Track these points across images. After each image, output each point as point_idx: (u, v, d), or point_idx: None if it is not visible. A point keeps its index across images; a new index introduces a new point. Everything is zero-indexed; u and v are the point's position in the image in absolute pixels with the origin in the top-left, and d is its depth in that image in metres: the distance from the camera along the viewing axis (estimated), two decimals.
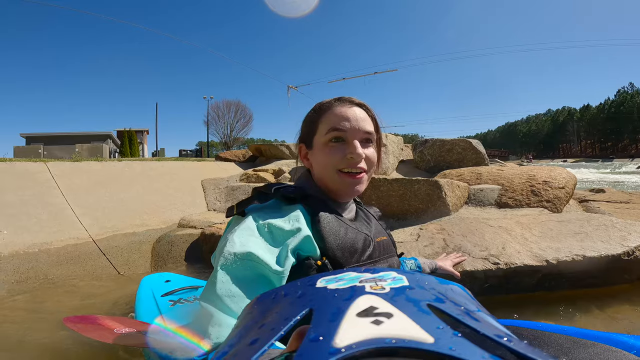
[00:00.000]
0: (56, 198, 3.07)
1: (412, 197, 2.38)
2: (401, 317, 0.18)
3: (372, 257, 0.68)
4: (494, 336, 0.17)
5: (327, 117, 0.68)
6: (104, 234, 2.90)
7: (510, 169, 3.18)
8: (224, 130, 31.00)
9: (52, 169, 3.42)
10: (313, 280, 0.25)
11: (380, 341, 0.16)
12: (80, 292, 2.03)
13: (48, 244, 2.53)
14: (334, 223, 0.64)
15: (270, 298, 0.25)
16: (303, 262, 0.59)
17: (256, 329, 0.21)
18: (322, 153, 0.68)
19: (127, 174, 4.07)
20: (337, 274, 0.26)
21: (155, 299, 1.29)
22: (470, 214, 2.41)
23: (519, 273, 1.38)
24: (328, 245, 0.61)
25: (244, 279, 0.53)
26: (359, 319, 0.18)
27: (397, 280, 0.23)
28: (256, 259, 0.54)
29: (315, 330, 0.18)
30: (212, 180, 4.66)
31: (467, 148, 4.12)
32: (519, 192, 2.57)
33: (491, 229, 1.85)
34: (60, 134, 22.60)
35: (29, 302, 1.88)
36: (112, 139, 23.99)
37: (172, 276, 1.56)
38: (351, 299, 0.20)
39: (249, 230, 0.58)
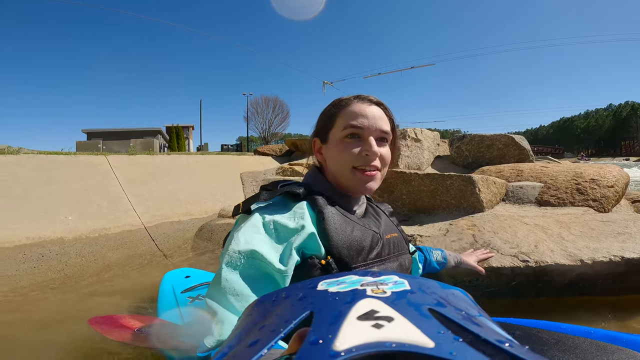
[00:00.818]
0: (115, 188, 3.42)
1: (443, 192, 2.35)
2: (402, 321, 0.18)
3: (380, 255, 0.67)
4: (495, 341, 0.17)
5: (345, 113, 0.68)
6: (154, 222, 3.19)
7: (556, 165, 2.99)
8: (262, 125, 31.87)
9: (111, 162, 3.80)
10: (314, 282, 0.25)
11: (381, 345, 0.16)
12: (130, 276, 2.27)
13: (107, 230, 2.84)
14: (340, 221, 0.63)
15: (270, 300, 0.26)
16: (307, 261, 0.59)
17: (256, 330, 0.21)
18: (337, 149, 0.68)
19: (174, 167, 4.41)
20: (338, 277, 0.26)
21: (175, 295, 1.31)
22: (505, 211, 2.33)
23: (550, 272, 1.34)
24: (333, 244, 0.60)
25: (248, 277, 0.53)
26: (359, 323, 0.18)
27: (398, 284, 0.23)
28: (260, 257, 0.54)
29: (316, 333, 0.18)
30: (250, 173, 4.89)
31: (509, 144, 3.92)
32: (562, 189, 2.43)
33: (526, 226, 1.79)
34: (117, 129, 24.70)
35: (90, 284, 2.14)
36: (162, 134, 25.73)
37: (192, 271, 1.57)
38: (352, 302, 0.20)
39: (254, 227, 0.58)
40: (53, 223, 2.70)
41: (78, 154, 4.11)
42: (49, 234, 2.59)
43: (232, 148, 25.24)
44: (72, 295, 1.93)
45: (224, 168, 4.99)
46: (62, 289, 2.03)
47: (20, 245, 2.41)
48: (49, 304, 1.80)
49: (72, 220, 2.80)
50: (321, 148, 0.73)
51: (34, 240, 2.49)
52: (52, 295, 1.92)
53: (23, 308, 1.77)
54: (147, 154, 4.89)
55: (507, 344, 0.17)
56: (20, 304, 1.82)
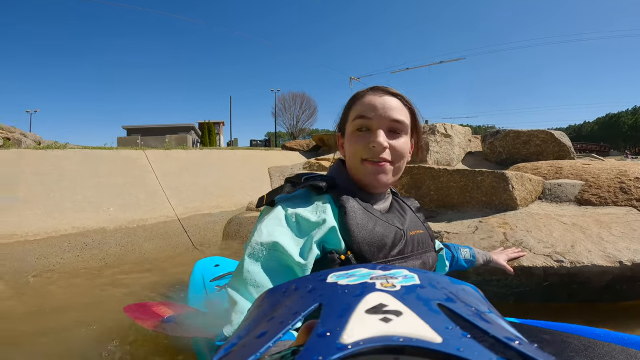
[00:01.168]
0: (152, 181, 3.62)
1: (474, 188, 2.28)
2: (410, 315, 0.18)
3: (403, 252, 0.65)
4: (503, 338, 0.17)
5: (357, 106, 0.67)
6: (187, 213, 3.35)
7: (599, 163, 2.80)
8: (290, 121, 32.20)
9: (148, 156, 4.02)
10: (324, 275, 0.25)
11: (388, 339, 0.16)
12: (164, 266, 2.40)
13: (144, 221, 3.02)
14: (361, 215, 0.62)
15: (280, 292, 0.26)
16: (326, 255, 0.58)
17: (265, 321, 0.21)
18: (350, 141, 0.67)
19: (206, 161, 4.58)
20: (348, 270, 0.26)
21: (204, 284, 1.34)
22: (541, 209, 2.22)
23: (585, 273, 1.27)
24: (354, 239, 0.59)
25: (270, 269, 0.54)
26: (367, 316, 0.18)
27: (408, 279, 0.23)
28: (281, 249, 0.54)
29: (324, 325, 0.18)
30: (277, 167, 4.98)
31: (548, 140, 3.71)
32: (605, 188, 2.27)
33: (563, 225, 1.70)
34: (154, 126, 25.97)
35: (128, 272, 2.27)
36: (195, 130, 26.73)
37: (222, 260, 1.62)
38: (361, 296, 0.20)
39: (277, 219, 0.58)
40: (96, 214, 2.91)
41: (120, 148, 4.38)
42: (92, 224, 2.80)
43: (261, 143, 25.73)
44: (111, 282, 2.08)
45: (252, 162, 5.12)
46: (102, 276, 2.19)
47: (65, 234, 2.61)
48: (89, 290, 1.95)
49: (113, 211, 3.00)
50: (343, 142, 0.73)
51: (78, 230, 2.69)
52: (92, 282, 2.08)
53: (65, 292, 1.93)
54: (182, 149, 5.12)
55: (515, 341, 0.17)
56: (62, 288, 1.99)
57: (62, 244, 2.52)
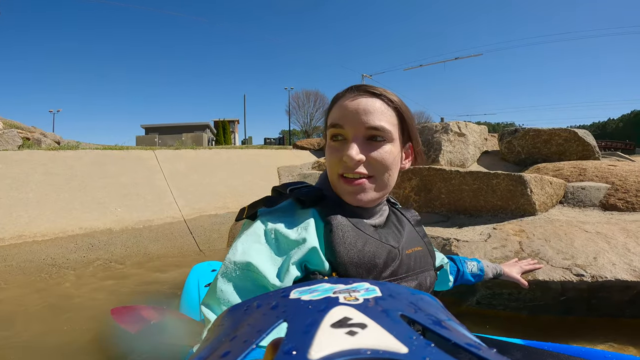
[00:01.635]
0: (160, 181, 3.63)
1: (488, 192, 2.14)
2: (375, 327, 0.18)
3: (396, 273, 0.58)
4: (465, 345, 0.17)
5: (332, 111, 0.60)
6: (193, 214, 3.33)
7: (626, 164, 2.61)
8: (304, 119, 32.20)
9: (158, 156, 4.03)
10: (287, 291, 0.25)
11: (355, 352, 0.16)
12: (168, 269, 2.37)
13: (151, 222, 3.01)
14: (350, 233, 0.55)
15: (242, 310, 0.25)
16: (309, 277, 0.54)
17: (227, 341, 0.21)
18: (326, 153, 0.60)
19: (215, 161, 4.57)
20: (311, 285, 0.26)
21: (199, 289, 1.32)
22: (562, 215, 2.06)
23: (607, 288, 1.13)
24: (339, 260, 0.53)
25: (243, 288, 0.51)
26: (333, 330, 0.18)
27: (370, 291, 0.23)
28: (255, 270, 0.50)
29: (290, 342, 0.18)
30: (287, 167, 4.92)
31: (571, 139, 3.49)
32: (632, 192, 2.10)
33: (585, 234, 1.56)
34: (171, 124, 26.51)
35: (131, 275, 2.27)
36: (210, 128, 27.14)
37: (219, 265, 1.60)
38: (325, 310, 0.20)
39: (255, 236, 0.54)
40: (104, 214, 2.92)
41: (131, 148, 4.42)
42: (99, 224, 2.81)
43: (275, 141, 25.87)
44: (114, 284, 2.07)
45: (262, 162, 5.08)
46: (106, 277, 2.18)
47: (73, 235, 2.63)
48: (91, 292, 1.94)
49: (121, 212, 3.01)
50: None
51: (85, 231, 2.70)
52: (96, 283, 2.07)
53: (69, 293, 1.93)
54: (191, 149, 5.13)
55: (476, 347, 0.17)
56: (67, 289, 1.99)
57: (69, 245, 2.54)
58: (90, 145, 6.09)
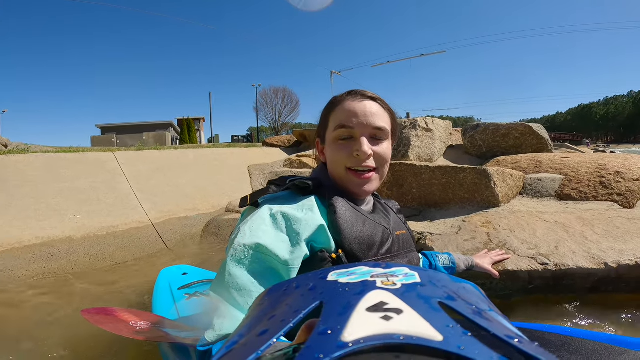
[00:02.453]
0: (122, 184, 3.42)
1: (456, 186, 2.24)
2: (411, 313, 0.18)
3: (391, 251, 0.65)
4: (504, 337, 0.17)
5: (336, 113, 0.66)
6: (161, 218, 3.18)
7: (577, 156, 2.82)
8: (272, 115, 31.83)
9: (119, 158, 3.80)
10: (325, 273, 0.25)
11: (389, 337, 0.16)
12: (138, 275, 2.25)
13: (115, 227, 2.84)
14: (351, 214, 0.61)
15: (281, 290, 0.25)
16: (317, 255, 0.57)
17: (266, 320, 0.21)
18: (331, 150, 0.66)
19: (182, 161, 4.39)
20: (349, 268, 0.26)
21: (172, 292, 1.29)
22: (523, 206, 2.20)
23: (570, 275, 1.23)
24: (344, 237, 0.58)
25: (253, 271, 0.52)
26: (368, 314, 0.18)
27: (409, 277, 0.23)
28: (265, 251, 0.52)
29: (325, 323, 0.18)
30: (257, 166, 4.84)
31: (527, 133, 3.73)
32: (585, 183, 2.28)
33: (545, 224, 1.67)
34: (130, 124, 25.06)
35: (98, 284, 2.13)
36: (174, 127, 26.00)
37: (190, 269, 1.57)
38: (362, 294, 0.20)
39: (261, 219, 0.56)
40: (62, 222, 2.71)
41: (87, 150, 4.12)
42: (58, 233, 2.60)
43: (243, 139, 25.32)
44: (80, 293, 1.93)
45: (231, 161, 4.96)
46: (70, 288, 2.03)
47: (30, 245, 2.42)
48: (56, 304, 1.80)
49: (81, 219, 2.81)
50: (323, 149, 0.71)
51: (43, 240, 2.50)
52: (59, 295, 1.92)
53: (30, 306, 1.77)
54: (155, 149, 4.89)
55: (516, 339, 0.17)
56: (28, 303, 1.83)
57: (26, 256, 2.34)
58: (41, 148, 5.62)
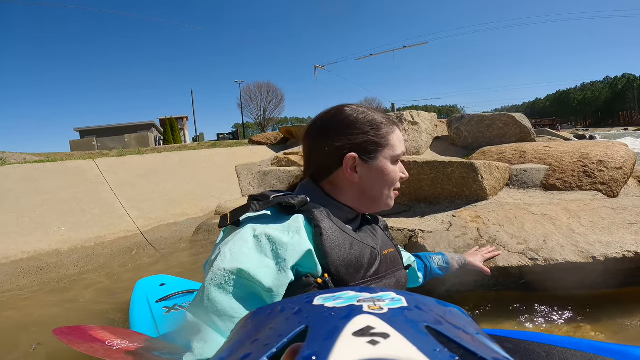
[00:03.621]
0: (106, 193, 3.33)
1: (445, 180, 2.26)
2: (398, 338, 0.18)
3: (378, 272, 0.63)
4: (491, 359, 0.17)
5: (394, 139, 0.69)
6: (150, 225, 3.11)
7: (560, 145, 2.89)
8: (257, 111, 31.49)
9: (100, 165, 3.69)
10: (311, 297, 0.25)
11: None
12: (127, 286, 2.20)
13: (102, 238, 2.76)
14: (338, 236, 0.58)
15: (266, 313, 0.25)
16: (301, 279, 0.54)
17: (249, 343, 0.21)
18: (387, 171, 0.68)
19: (166, 165, 4.29)
20: (335, 292, 0.26)
21: (149, 305, 1.25)
22: (511, 198, 2.24)
23: (560, 270, 1.26)
24: (331, 261, 0.56)
25: (234, 296, 0.50)
26: (354, 339, 0.18)
27: (395, 301, 0.23)
28: (247, 277, 0.50)
29: (309, 348, 0.18)
30: (245, 165, 4.78)
31: (510, 123, 3.80)
32: (569, 172, 2.34)
33: (533, 217, 1.70)
34: (110, 126, 24.36)
35: (90, 295, 2.07)
36: (156, 127, 25.40)
37: (167, 279, 1.52)
38: (348, 318, 0.20)
39: (243, 241, 0.53)
40: (47, 235, 2.62)
41: (66, 159, 3.98)
42: (44, 246, 2.52)
43: (229, 136, 25.00)
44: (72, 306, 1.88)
45: (218, 162, 4.88)
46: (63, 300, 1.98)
47: (17, 260, 2.35)
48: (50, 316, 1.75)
49: (66, 231, 2.73)
50: (356, 164, 0.65)
51: (30, 255, 2.42)
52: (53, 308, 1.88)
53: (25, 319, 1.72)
54: (137, 153, 4.77)
55: None
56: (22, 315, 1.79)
57: (15, 271, 2.28)
58: (15, 156, 5.40)
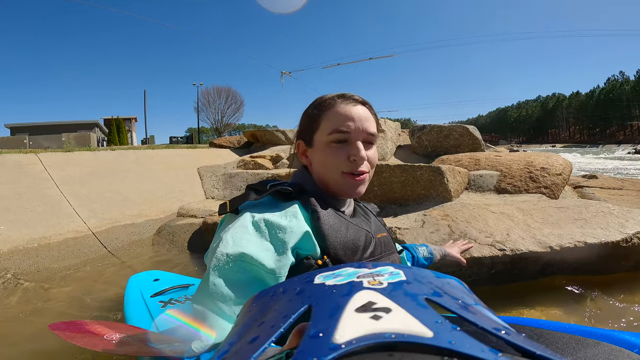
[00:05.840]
0: (51, 190, 3.01)
1: (414, 183, 2.40)
2: (400, 311, 0.18)
3: (374, 254, 0.66)
4: (492, 329, 0.17)
5: (329, 116, 0.65)
6: (103, 226, 2.87)
7: (508, 154, 3.21)
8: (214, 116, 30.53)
9: (44, 160, 3.33)
10: (311, 276, 0.25)
11: (380, 336, 0.16)
12: (85, 287, 2.01)
13: (47, 239, 2.49)
14: (334, 219, 0.61)
15: (268, 295, 0.25)
16: (302, 262, 0.57)
17: (256, 326, 0.21)
18: (324, 153, 0.65)
19: (121, 163, 4.00)
20: (334, 270, 0.26)
21: (144, 300, 1.24)
22: (471, 200, 2.44)
23: (524, 259, 1.41)
24: (329, 243, 0.58)
25: (238, 281, 0.51)
26: (358, 315, 0.18)
27: (394, 275, 0.23)
28: (250, 260, 0.51)
29: (315, 326, 0.18)
30: (208, 167, 4.61)
31: (465, 134, 4.14)
32: (517, 178, 2.61)
33: (493, 215, 1.88)
34: (46, 123, 21.99)
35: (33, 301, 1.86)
36: (100, 127, 23.44)
37: (161, 274, 1.51)
38: (349, 295, 0.20)
39: (243, 227, 0.55)
40: None
41: (4, 152, 3.54)
42: None
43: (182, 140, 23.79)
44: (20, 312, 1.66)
45: (178, 163, 4.65)
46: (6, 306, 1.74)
47: None
48: None
49: (5, 230, 2.41)
50: (306, 151, 0.70)
51: None
52: None
53: None
54: (88, 150, 4.39)
55: (503, 331, 0.17)
56: None
57: None
58: None
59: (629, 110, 61.47)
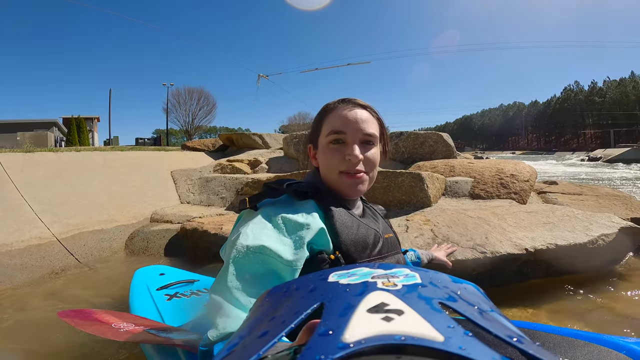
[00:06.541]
0: (10, 193, 2.78)
1: (395, 188, 2.46)
2: (412, 314, 0.18)
3: (381, 252, 0.69)
4: (505, 337, 0.17)
5: (329, 119, 0.70)
6: (69, 232, 2.69)
7: (480, 162, 3.38)
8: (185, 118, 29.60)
9: (2, 161, 3.08)
10: (325, 274, 0.25)
11: (390, 337, 0.16)
12: (55, 296, 1.87)
13: (8, 245, 2.30)
14: (346, 217, 0.65)
15: (282, 291, 0.25)
16: (316, 257, 0.60)
17: (267, 321, 0.21)
18: (324, 154, 0.69)
19: (87, 165, 3.78)
20: (349, 269, 0.26)
21: (150, 292, 1.26)
22: (448, 205, 2.54)
23: (503, 261, 1.49)
24: (342, 240, 0.62)
25: (255, 273, 0.53)
26: (369, 315, 0.18)
27: (409, 277, 0.23)
28: (268, 252, 0.54)
29: (325, 324, 0.18)
30: (182, 171, 4.46)
31: (439, 141, 4.30)
32: (489, 184, 2.75)
33: (471, 219, 1.97)
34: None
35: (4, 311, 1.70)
36: (58, 126, 21.94)
37: (167, 269, 1.52)
38: (362, 295, 0.20)
39: (262, 223, 0.58)
40: None
41: None
42: None
43: (149, 142, 22.84)
44: None
45: (150, 166, 4.46)
46: None
47: None
48: None
49: None
50: (315, 154, 0.75)
51: None
52: None
53: None
54: (50, 151, 4.10)
55: (515, 339, 0.17)
56: None
57: None
58: None
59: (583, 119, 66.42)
